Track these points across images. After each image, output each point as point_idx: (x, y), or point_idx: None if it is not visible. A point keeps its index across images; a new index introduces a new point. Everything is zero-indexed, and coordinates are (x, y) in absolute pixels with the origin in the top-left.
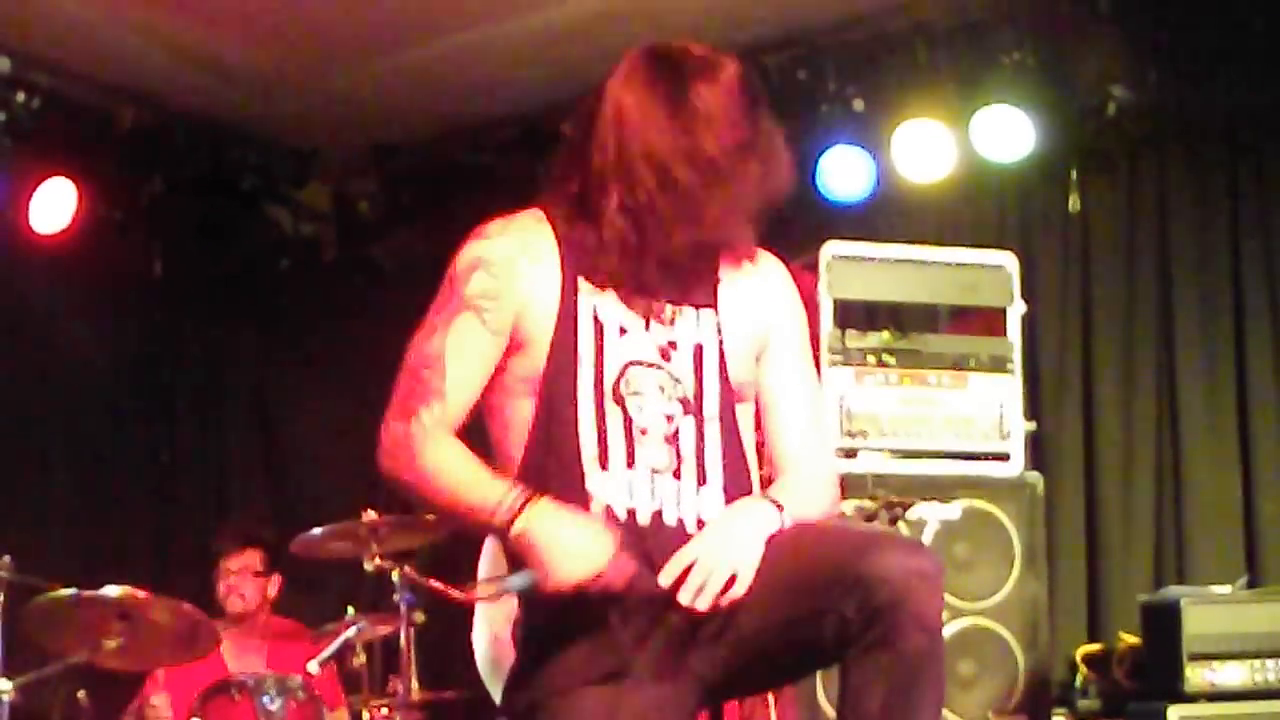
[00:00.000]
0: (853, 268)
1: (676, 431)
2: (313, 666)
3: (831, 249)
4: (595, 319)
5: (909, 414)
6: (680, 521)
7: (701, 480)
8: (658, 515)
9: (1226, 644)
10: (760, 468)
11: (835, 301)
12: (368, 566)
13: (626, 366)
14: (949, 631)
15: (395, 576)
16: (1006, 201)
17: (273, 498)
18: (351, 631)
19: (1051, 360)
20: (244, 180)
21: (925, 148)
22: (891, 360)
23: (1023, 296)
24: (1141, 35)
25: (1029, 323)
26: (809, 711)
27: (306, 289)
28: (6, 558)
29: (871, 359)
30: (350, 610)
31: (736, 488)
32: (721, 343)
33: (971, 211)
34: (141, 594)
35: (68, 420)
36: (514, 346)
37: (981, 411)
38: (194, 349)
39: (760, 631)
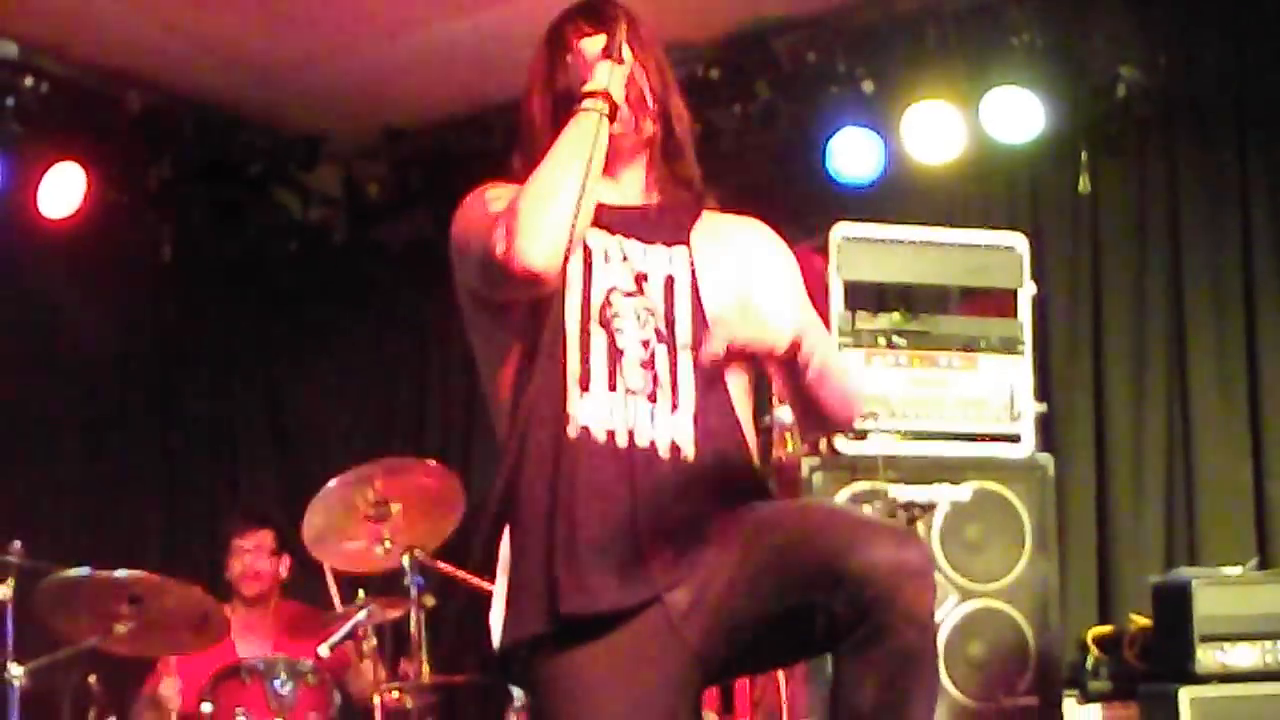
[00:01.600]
0: (862, 249)
1: (653, 357)
2: (323, 650)
3: (841, 230)
4: (585, 245)
5: (919, 396)
6: (653, 444)
7: (674, 406)
8: (631, 436)
9: (1238, 625)
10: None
11: (845, 283)
12: (378, 551)
13: (609, 292)
14: (960, 613)
15: (405, 560)
16: (1016, 183)
17: (282, 480)
18: (361, 615)
19: (1062, 341)
20: (253, 164)
21: (935, 129)
22: (901, 342)
23: (1033, 278)
24: (1150, 16)
25: (1039, 304)
26: (820, 690)
27: (315, 272)
28: (16, 543)
29: (881, 341)
30: (360, 594)
31: (707, 417)
32: (694, 275)
33: (981, 193)
34: (151, 577)
35: (77, 405)
36: None
37: (992, 393)
38: (203, 333)
39: (751, 619)
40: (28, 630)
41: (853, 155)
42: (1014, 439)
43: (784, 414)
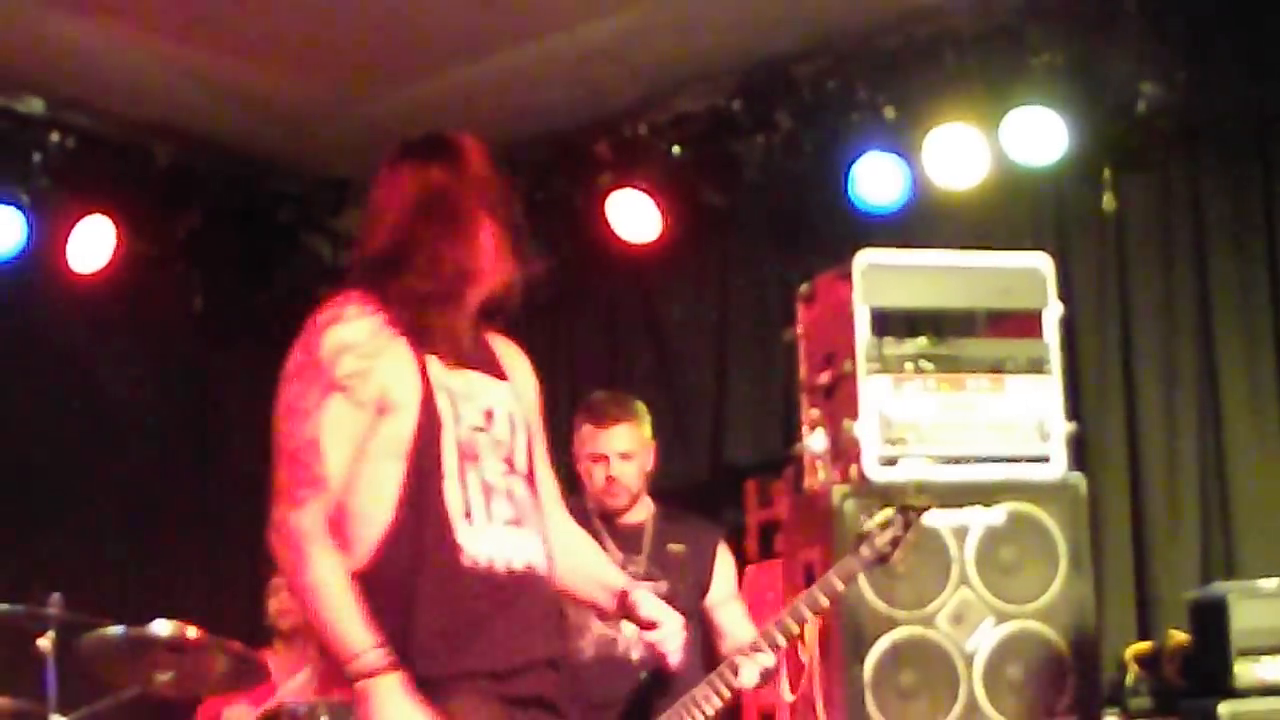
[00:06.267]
0: (887, 275)
1: (509, 488)
2: None
3: (864, 258)
4: (446, 386)
5: (949, 420)
6: (528, 567)
7: (528, 529)
8: (509, 564)
9: (1275, 638)
10: None
11: (870, 310)
12: None
13: (472, 431)
14: (998, 635)
15: None
16: (1040, 203)
17: None
18: None
19: (1091, 360)
20: (281, 211)
21: (958, 152)
22: (929, 366)
23: (1061, 297)
24: (1169, 31)
25: (1068, 323)
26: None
27: None
28: (56, 595)
29: (909, 366)
30: None
31: (544, 537)
32: (515, 410)
33: (1005, 214)
34: (191, 631)
35: (114, 456)
36: (380, 412)
37: (1021, 414)
38: (236, 381)
39: None
40: (69, 680)
41: (876, 182)
42: (1045, 460)
43: (814, 442)
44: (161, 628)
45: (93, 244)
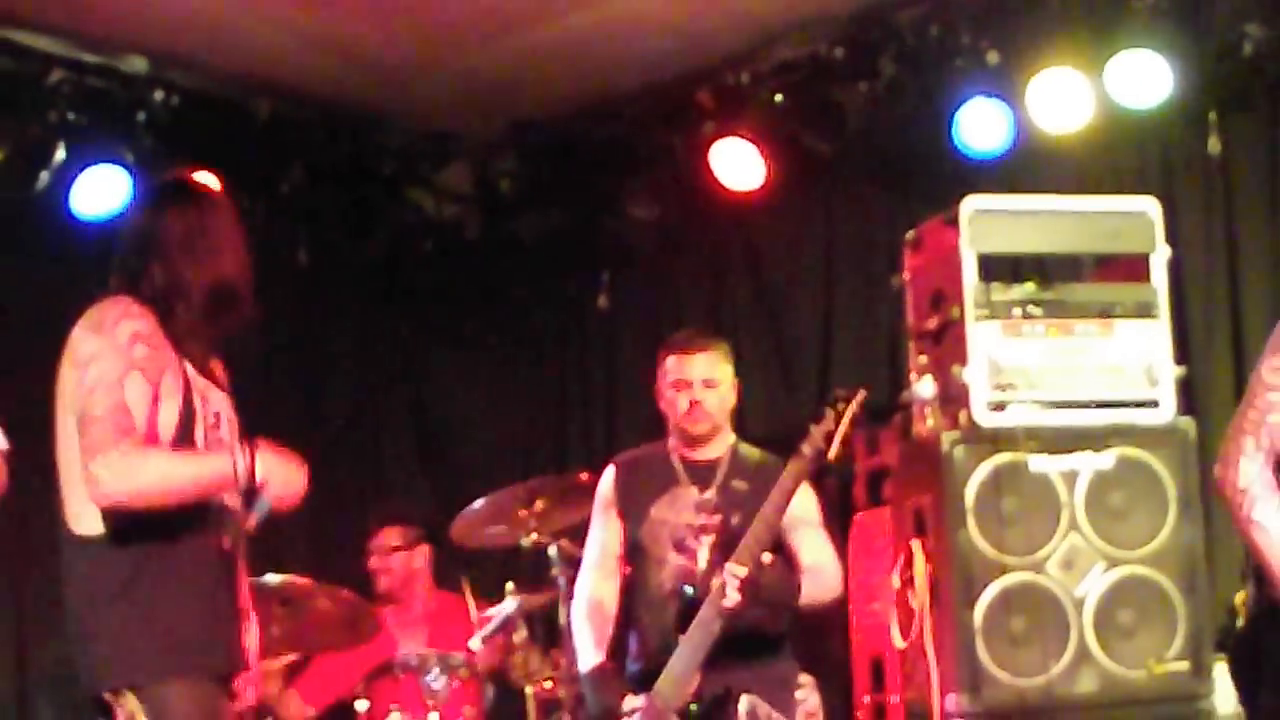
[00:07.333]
0: (994, 221)
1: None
2: (475, 643)
3: (971, 203)
4: (198, 389)
5: (1057, 365)
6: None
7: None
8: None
9: None
10: None
11: (978, 256)
12: (524, 543)
13: (209, 429)
14: (1108, 581)
15: (552, 551)
16: (1146, 146)
17: (428, 478)
18: (511, 607)
19: (1199, 304)
20: (384, 165)
21: (1062, 97)
22: (1037, 311)
23: (1167, 241)
24: None
25: (1175, 267)
26: (969, 666)
27: (451, 269)
28: None
29: (1017, 311)
30: (510, 585)
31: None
32: (232, 417)
33: (1111, 159)
34: (301, 581)
35: None
36: (156, 397)
37: (1130, 359)
38: (342, 335)
39: None
40: None
41: (981, 127)
42: (1153, 404)
43: (923, 389)
44: (271, 579)
45: None
